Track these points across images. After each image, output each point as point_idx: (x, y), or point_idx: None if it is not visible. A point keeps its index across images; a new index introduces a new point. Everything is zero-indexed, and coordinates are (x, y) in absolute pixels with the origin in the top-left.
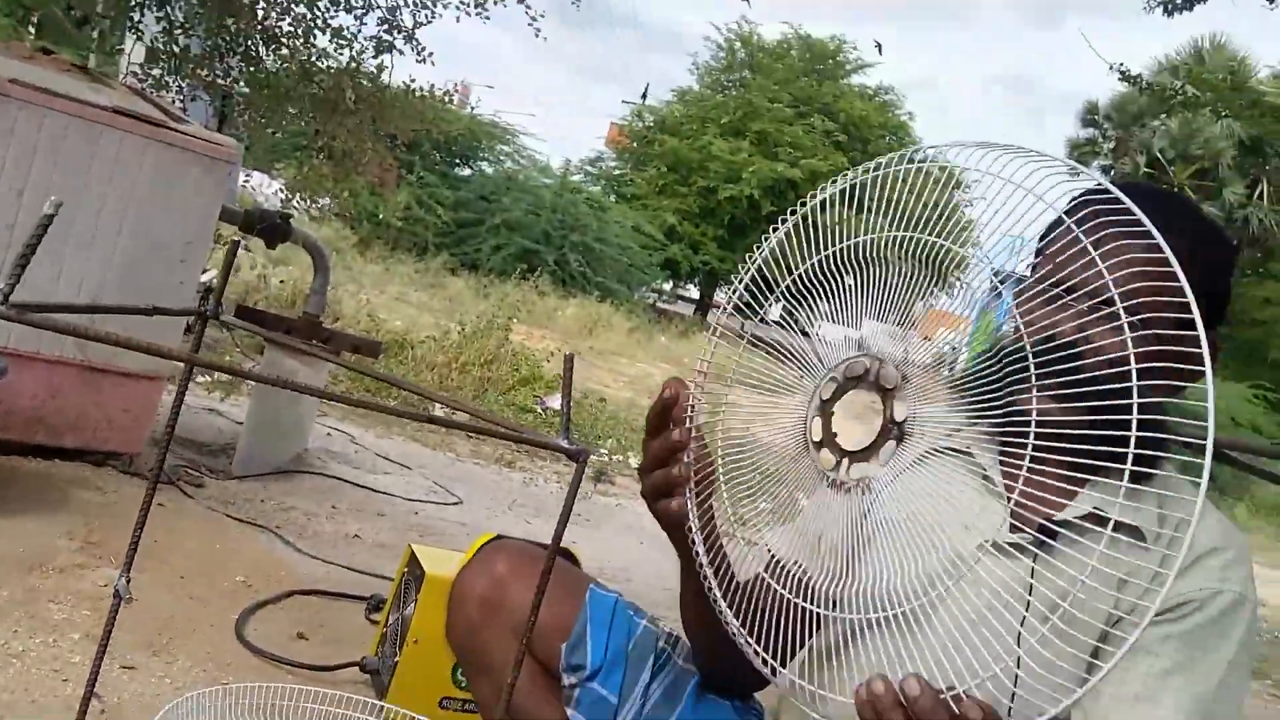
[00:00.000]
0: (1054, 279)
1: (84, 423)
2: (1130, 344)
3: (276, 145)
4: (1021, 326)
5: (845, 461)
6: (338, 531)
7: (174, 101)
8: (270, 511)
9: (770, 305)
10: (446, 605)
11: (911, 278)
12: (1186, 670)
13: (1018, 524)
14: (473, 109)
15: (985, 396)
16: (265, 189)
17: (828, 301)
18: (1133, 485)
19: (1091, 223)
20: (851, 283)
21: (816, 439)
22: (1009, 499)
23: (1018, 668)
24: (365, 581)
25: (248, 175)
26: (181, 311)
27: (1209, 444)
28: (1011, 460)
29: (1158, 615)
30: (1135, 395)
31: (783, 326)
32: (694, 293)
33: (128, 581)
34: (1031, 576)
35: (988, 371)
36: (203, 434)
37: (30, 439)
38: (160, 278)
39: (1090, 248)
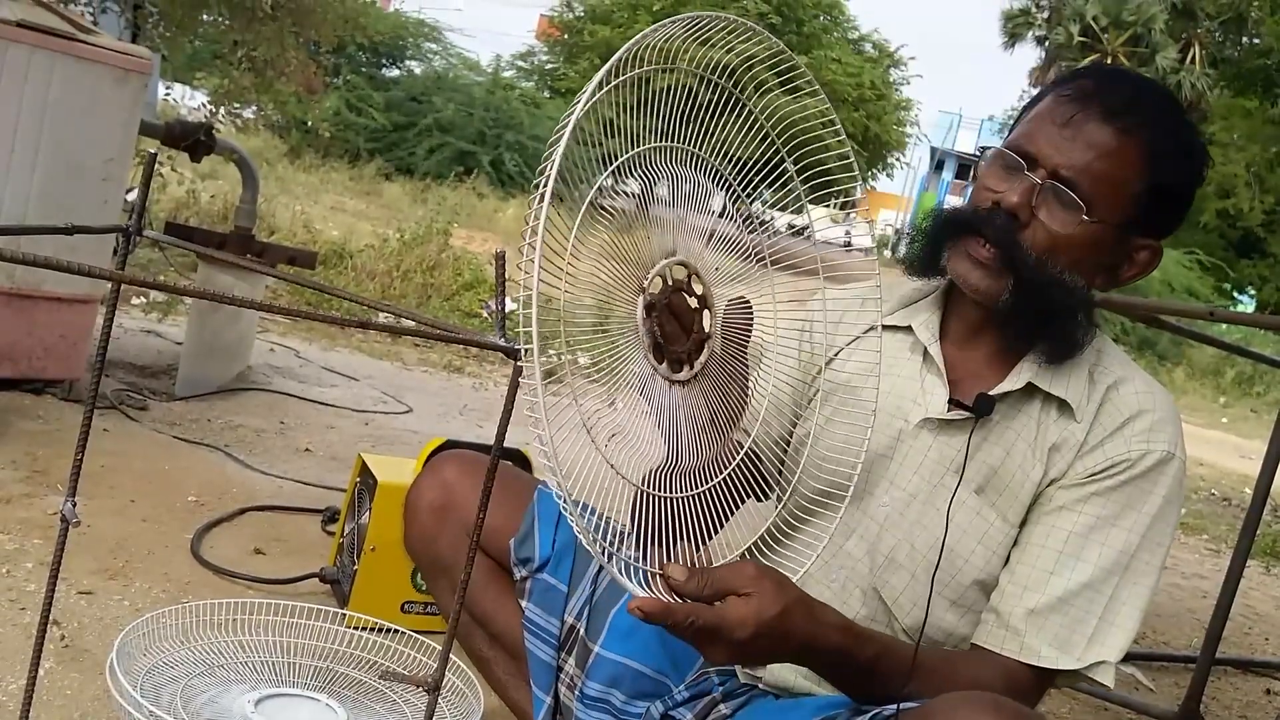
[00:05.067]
0: (1018, 147)
1: (17, 351)
2: (1070, 225)
3: (195, 55)
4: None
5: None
6: (288, 446)
7: (82, 14)
8: (218, 430)
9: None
10: (402, 516)
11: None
12: (1110, 525)
13: (956, 400)
14: (397, 8)
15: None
16: (187, 101)
17: (770, 189)
18: (1057, 361)
19: (1070, 97)
20: (790, 168)
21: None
22: (947, 375)
23: (944, 535)
24: (319, 494)
25: (168, 88)
26: (102, 229)
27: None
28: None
29: (1086, 477)
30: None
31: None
32: (635, 187)
33: (74, 505)
34: (968, 449)
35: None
36: (142, 357)
37: None
38: (83, 198)
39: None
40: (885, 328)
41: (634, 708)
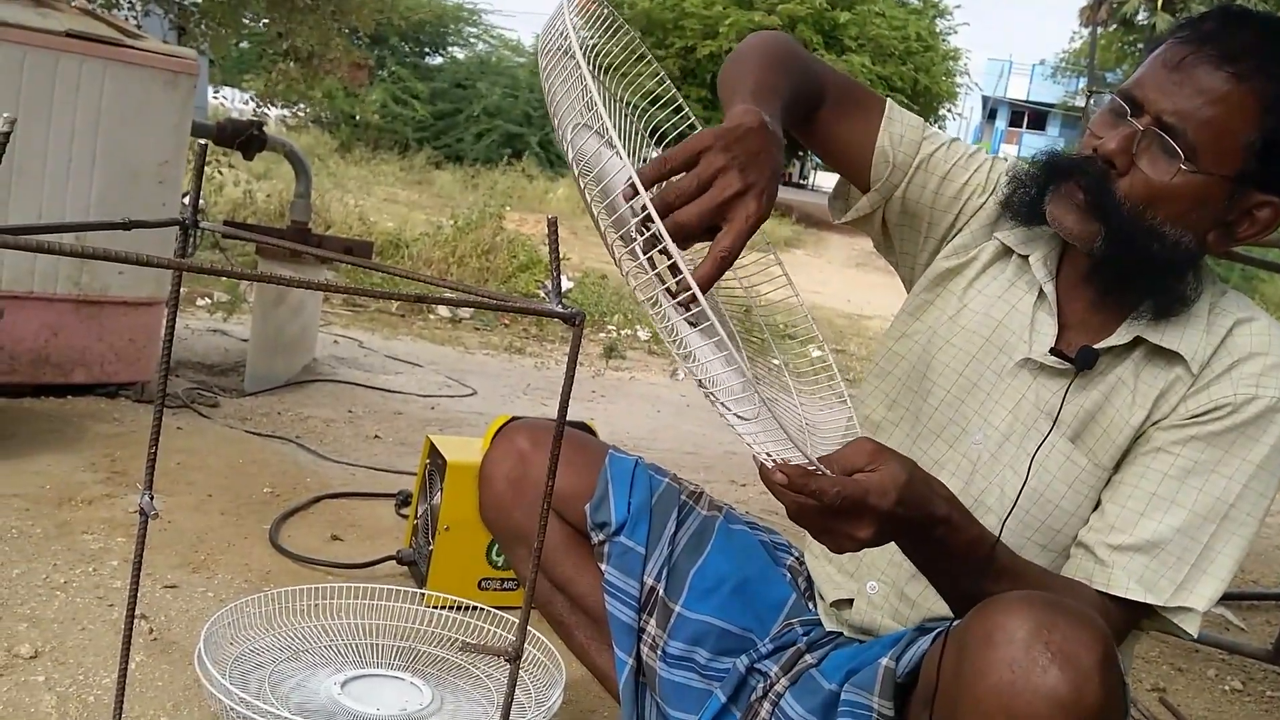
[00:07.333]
0: (1127, 92)
1: (90, 357)
2: (1168, 173)
3: (243, 57)
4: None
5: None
6: (357, 434)
7: (127, 19)
8: (288, 423)
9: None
10: (477, 488)
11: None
12: (1209, 471)
13: (1058, 350)
14: None
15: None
16: (238, 103)
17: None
18: (1163, 317)
19: (1185, 39)
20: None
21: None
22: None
23: (1024, 482)
24: (391, 479)
25: (216, 90)
26: (158, 222)
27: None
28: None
29: (1189, 418)
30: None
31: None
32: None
33: (151, 498)
34: (1063, 399)
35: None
36: (210, 356)
37: (39, 379)
38: (141, 202)
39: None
40: (1001, 247)
41: (719, 664)
